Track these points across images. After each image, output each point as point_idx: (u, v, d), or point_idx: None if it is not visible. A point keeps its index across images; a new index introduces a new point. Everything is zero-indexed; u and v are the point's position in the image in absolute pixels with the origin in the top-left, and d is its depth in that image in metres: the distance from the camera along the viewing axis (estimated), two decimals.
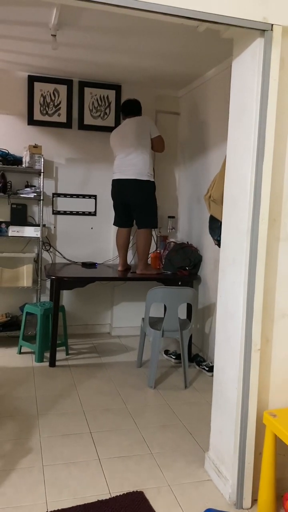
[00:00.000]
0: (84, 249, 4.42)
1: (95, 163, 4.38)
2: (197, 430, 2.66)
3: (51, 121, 4.21)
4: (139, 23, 2.84)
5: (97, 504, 1.97)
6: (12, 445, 2.43)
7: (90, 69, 3.93)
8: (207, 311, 3.90)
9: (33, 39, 3.25)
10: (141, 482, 2.15)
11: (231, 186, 2.09)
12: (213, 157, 3.80)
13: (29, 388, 3.17)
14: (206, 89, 3.98)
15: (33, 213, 4.25)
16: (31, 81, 4.11)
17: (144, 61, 3.62)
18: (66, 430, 2.61)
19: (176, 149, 4.56)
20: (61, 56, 3.61)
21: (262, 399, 2.01)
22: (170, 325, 3.29)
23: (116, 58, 3.60)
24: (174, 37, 3.06)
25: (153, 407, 2.97)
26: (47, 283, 4.30)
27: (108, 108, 4.32)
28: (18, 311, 4.18)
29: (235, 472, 2.02)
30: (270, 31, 1.82)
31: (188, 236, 4.33)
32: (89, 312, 4.50)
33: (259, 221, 1.89)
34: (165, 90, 4.44)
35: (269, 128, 1.85)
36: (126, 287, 4.43)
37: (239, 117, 2.01)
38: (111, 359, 3.83)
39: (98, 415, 2.81)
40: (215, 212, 3.15)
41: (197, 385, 3.35)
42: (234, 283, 2.04)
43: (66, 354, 3.87)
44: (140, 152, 3.80)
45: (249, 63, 1.93)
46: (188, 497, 2.06)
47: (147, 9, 1.67)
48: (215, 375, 2.22)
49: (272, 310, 1.99)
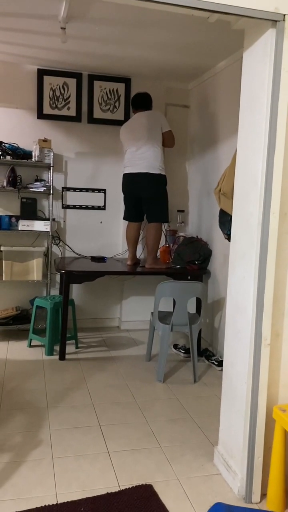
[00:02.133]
0: (94, 243, 4.43)
1: (104, 157, 4.37)
2: (206, 424, 2.66)
3: (60, 114, 4.21)
4: (149, 15, 2.82)
5: (106, 496, 1.98)
6: (22, 437, 2.45)
7: (100, 62, 3.91)
8: (217, 305, 3.89)
9: (43, 32, 3.24)
10: (150, 475, 2.16)
11: (242, 179, 2.07)
12: (223, 150, 3.77)
13: (39, 381, 3.19)
14: (216, 82, 3.94)
15: (42, 207, 4.26)
16: (41, 75, 4.10)
17: (153, 53, 3.59)
18: (76, 423, 2.63)
19: (186, 143, 4.53)
20: (70, 49, 3.59)
21: (271, 394, 2.00)
22: (179, 319, 3.29)
23: (126, 51, 3.57)
24: (184, 29, 3.03)
25: (162, 401, 2.97)
26: (57, 277, 4.32)
27: (118, 101, 4.31)
28: (28, 305, 4.21)
29: (244, 467, 2.02)
30: (282, 21, 1.79)
31: (198, 230, 4.31)
32: (98, 306, 4.51)
33: (269, 215, 1.87)
34: (175, 83, 4.41)
35: (281, 120, 1.83)
36: (135, 281, 4.43)
37: (250, 110, 1.99)
38: (120, 352, 3.84)
39: (107, 408, 2.82)
40: (225, 206, 3.13)
41: (206, 379, 3.35)
42: (244, 277, 2.02)
43: (75, 347, 3.89)
44: (151, 146, 3.78)
45: (260, 54, 1.90)
46: (197, 490, 2.06)
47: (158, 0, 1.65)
48: (225, 370, 2.22)
49: (282, 305, 1.97)
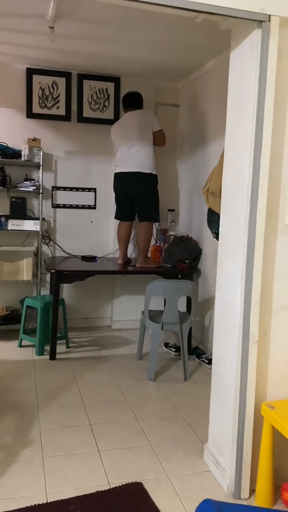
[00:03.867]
0: (84, 242, 4.43)
1: (94, 156, 4.37)
2: (197, 422, 2.67)
3: (50, 114, 4.20)
4: (137, 15, 2.82)
5: (96, 495, 1.98)
6: (13, 437, 2.45)
7: (89, 61, 3.91)
8: (207, 303, 3.91)
9: (31, 31, 3.23)
10: (141, 473, 2.17)
11: (229, 178, 2.09)
12: (213, 149, 3.78)
13: (29, 381, 3.19)
14: (205, 81, 3.96)
15: (32, 207, 4.25)
16: (30, 74, 4.09)
17: (143, 53, 3.60)
18: (67, 422, 2.63)
19: (176, 142, 4.55)
20: (59, 48, 3.59)
21: (260, 391, 2.02)
22: (169, 318, 3.30)
23: (115, 50, 3.57)
24: (173, 28, 3.04)
25: (152, 399, 2.98)
26: (47, 277, 4.31)
27: (107, 100, 4.31)
28: (18, 305, 4.20)
29: (233, 463, 2.03)
30: (268, 22, 1.80)
31: (188, 229, 4.32)
32: (89, 305, 4.51)
33: (256, 213, 1.89)
34: (164, 82, 4.41)
35: (267, 119, 1.84)
36: (126, 281, 4.43)
37: (238, 109, 2.01)
38: (111, 352, 3.85)
39: (98, 407, 2.83)
40: (213, 205, 3.14)
41: (197, 377, 3.36)
42: (232, 275, 2.04)
43: (66, 347, 3.88)
44: (142, 145, 3.79)
45: (247, 54, 1.91)
46: (187, 487, 2.08)
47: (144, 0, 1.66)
48: (214, 367, 2.23)
49: (270, 302, 1.99)
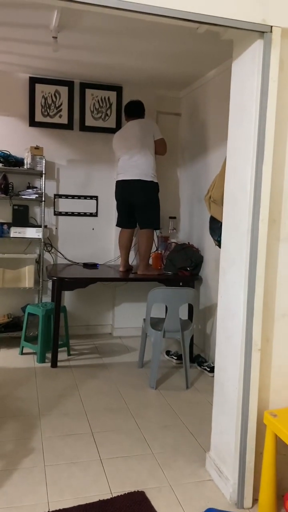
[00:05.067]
0: (86, 249, 4.44)
1: (96, 164, 4.39)
2: (199, 430, 2.66)
3: (52, 122, 4.23)
4: (140, 25, 2.85)
5: (98, 504, 1.97)
6: (14, 445, 2.44)
7: (91, 70, 3.94)
8: (209, 311, 3.91)
9: (34, 41, 3.26)
10: (142, 482, 2.16)
11: (231, 186, 2.10)
12: (213, 157, 3.81)
13: (31, 388, 3.18)
14: (207, 90, 3.99)
15: (34, 214, 4.26)
16: (33, 83, 4.13)
17: (145, 62, 3.63)
18: (68, 430, 2.62)
19: (177, 150, 4.57)
20: (62, 58, 3.62)
21: (262, 399, 2.01)
22: (171, 326, 3.30)
23: (117, 60, 3.61)
24: (174, 38, 3.08)
25: (154, 407, 2.97)
26: (49, 284, 4.31)
27: (109, 109, 4.34)
28: (20, 312, 4.20)
29: (236, 472, 2.02)
30: (270, 32, 1.82)
31: (189, 237, 4.33)
32: (90, 312, 4.51)
33: (259, 221, 1.90)
34: (166, 91, 4.45)
35: (269, 129, 1.86)
36: (127, 288, 4.44)
37: (239, 118, 2.02)
38: (113, 359, 3.84)
39: (100, 415, 2.82)
40: (215, 213, 3.15)
41: (199, 385, 3.35)
42: (234, 283, 2.04)
43: (67, 354, 3.88)
44: (144, 154, 3.81)
45: (248, 64, 1.94)
46: (189, 496, 2.06)
47: (146, 11, 1.69)
48: (216, 375, 2.23)
49: (272, 310, 1.99)
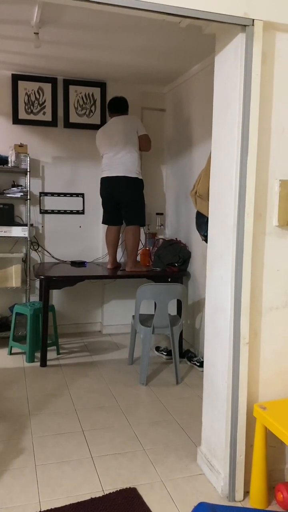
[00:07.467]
0: (73, 248, 4.41)
1: (81, 161, 4.36)
2: (189, 425, 2.67)
3: (36, 119, 4.19)
4: (122, 20, 2.84)
5: (90, 501, 1.97)
6: (4, 445, 2.42)
7: (75, 66, 3.91)
8: (197, 306, 3.92)
9: (16, 37, 3.22)
10: (134, 478, 2.16)
11: (216, 181, 2.10)
12: (199, 152, 3.81)
13: (20, 388, 3.16)
14: (191, 85, 3.98)
15: (20, 213, 4.22)
16: (15, 80, 4.08)
17: (128, 57, 3.61)
18: (59, 429, 2.61)
19: (162, 146, 4.56)
20: (44, 54, 3.58)
21: (252, 392, 2.02)
22: (160, 322, 3.30)
23: (100, 55, 3.58)
24: (158, 33, 3.06)
25: (145, 404, 2.98)
26: (36, 283, 4.28)
27: (94, 105, 4.31)
28: (8, 312, 4.16)
29: (226, 465, 2.03)
30: (251, 26, 1.82)
31: (177, 233, 4.33)
32: (79, 311, 4.49)
33: (244, 216, 1.90)
34: (150, 86, 4.43)
35: (253, 122, 1.86)
36: (116, 285, 4.43)
37: (223, 113, 2.02)
38: (102, 357, 3.83)
39: (90, 413, 2.81)
40: (202, 208, 3.16)
41: (189, 380, 3.36)
42: (221, 278, 2.05)
43: (57, 353, 3.86)
44: (128, 151, 3.80)
45: (231, 58, 1.93)
46: (181, 491, 2.07)
47: (128, 5, 1.67)
48: (205, 370, 2.23)
49: (259, 304, 2.00)
